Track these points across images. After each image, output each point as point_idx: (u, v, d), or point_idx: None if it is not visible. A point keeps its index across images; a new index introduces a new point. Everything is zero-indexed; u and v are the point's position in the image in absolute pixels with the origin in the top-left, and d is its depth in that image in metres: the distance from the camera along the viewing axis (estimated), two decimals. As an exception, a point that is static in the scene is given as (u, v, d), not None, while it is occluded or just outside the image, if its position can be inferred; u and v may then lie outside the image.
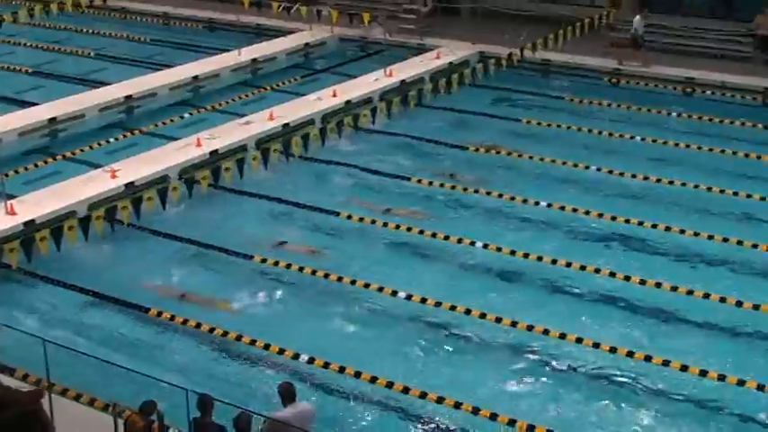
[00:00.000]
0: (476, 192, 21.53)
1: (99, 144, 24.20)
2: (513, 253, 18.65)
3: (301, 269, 18.08)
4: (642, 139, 24.57)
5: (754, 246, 18.80)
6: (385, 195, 21.66)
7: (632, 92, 28.55)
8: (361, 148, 24.41)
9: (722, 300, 16.82)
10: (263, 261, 18.47)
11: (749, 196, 21.08)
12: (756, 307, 16.59)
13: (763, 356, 15.53)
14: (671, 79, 28.88)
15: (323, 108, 25.80)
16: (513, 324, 16.18)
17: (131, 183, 20.95)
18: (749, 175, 22.32)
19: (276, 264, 18.32)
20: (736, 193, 21.20)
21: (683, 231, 19.38)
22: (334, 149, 24.06)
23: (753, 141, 24.41)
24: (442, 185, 21.87)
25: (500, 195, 21.28)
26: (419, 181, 22.13)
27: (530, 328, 16.04)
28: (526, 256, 18.52)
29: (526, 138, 24.98)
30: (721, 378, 14.66)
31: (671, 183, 21.88)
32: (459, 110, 26.91)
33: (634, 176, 22.25)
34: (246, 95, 28.21)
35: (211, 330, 16.16)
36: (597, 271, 17.90)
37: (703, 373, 14.79)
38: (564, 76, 30.13)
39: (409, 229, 19.67)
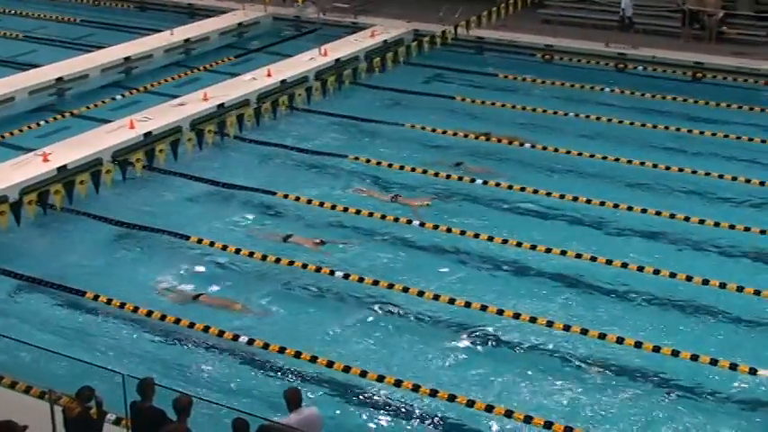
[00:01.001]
0: (404, 168, 21.61)
1: (30, 127, 23.83)
2: (449, 230, 18.75)
3: (238, 251, 18.00)
4: (576, 115, 24.81)
5: (686, 219, 19.12)
6: (321, 174, 21.64)
7: (565, 68, 28.81)
8: (296, 127, 24.31)
9: (656, 272, 17.09)
10: (199, 242, 18.36)
11: (681, 170, 21.40)
12: (689, 278, 16.89)
13: (694, 326, 15.81)
14: (603, 55, 29.16)
15: (258, 88, 25.66)
16: (452, 301, 16.31)
17: (64, 166, 20.66)
18: (680, 149, 22.65)
19: (212, 244, 18.22)
20: (668, 168, 21.51)
21: (616, 206, 19.65)
22: (270, 129, 23.93)
23: (683, 116, 24.77)
24: (379, 164, 21.87)
25: (435, 174, 21.33)
26: (355, 158, 22.12)
27: (467, 304, 16.16)
28: (463, 233, 18.62)
29: (460, 115, 25.07)
30: (656, 349, 14.91)
31: (604, 158, 22.14)
32: (394, 88, 26.91)
33: (568, 152, 22.47)
34: (180, 76, 27.95)
35: (135, 309, 16.06)
36: (534, 247, 18.04)
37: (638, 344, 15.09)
38: (497, 53, 30.28)
39: (346, 210, 19.66)
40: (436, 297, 16.35)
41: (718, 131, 23.53)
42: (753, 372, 14.35)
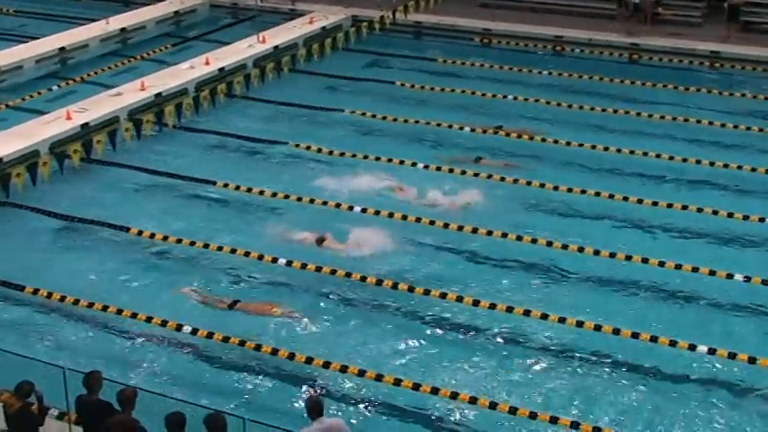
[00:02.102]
0: (345, 155, 21.63)
1: (-36, 120, 23.50)
2: (391, 215, 18.79)
3: (179, 240, 17.89)
4: (514, 98, 24.95)
5: (625, 198, 19.37)
6: (262, 162, 21.57)
7: (503, 51, 28.97)
8: (235, 115, 24.18)
9: (596, 252, 17.32)
10: (140, 233, 18.22)
11: (619, 151, 21.67)
12: (629, 257, 17.17)
13: (632, 305, 16.06)
14: (541, 38, 29.36)
15: (196, 76, 25.47)
16: (395, 286, 16.38)
17: (0, 159, 20.39)
18: (616, 130, 22.92)
19: (152, 236, 18.09)
20: (606, 148, 21.76)
21: (556, 188, 19.85)
22: (209, 118, 23.79)
23: (620, 97, 25.04)
24: (320, 150, 21.83)
25: (377, 158, 21.37)
26: (296, 146, 22.06)
27: (410, 289, 16.28)
28: (405, 217, 18.67)
29: (400, 100, 25.11)
30: (597, 328, 15.12)
31: (543, 140, 22.34)
32: (334, 74, 26.86)
33: (508, 135, 22.62)
34: (116, 66, 27.65)
35: (76, 302, 15.92)
36: (475, 231, 18.16)
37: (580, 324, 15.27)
38: (436, 37, 30.36)
39: (287, 196, 19.62)
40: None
41: (655, 112, 23.80)
42: (692, 348, 14.59)
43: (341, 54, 28.48)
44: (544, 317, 15.42)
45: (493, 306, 15.75)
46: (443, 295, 16.05)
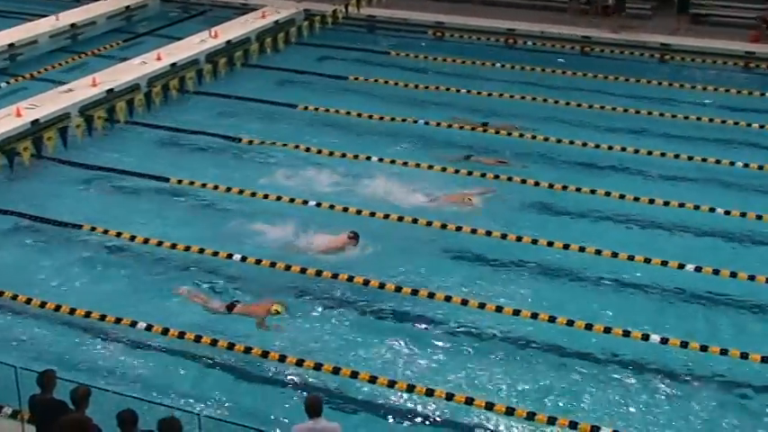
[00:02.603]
0: (299, 148, 21.59)
1: None
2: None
3: (133, 238, 17.79)
4: (468, 92, 25.05)
5: (578, 189, 19.55)
6: (216, 157, 21.47)
7: (456, 45, 29.05)
8: (188, 110, 24.05)
9: (550, 244, 17.45)
10: (93, 229, 18.07)
11: (572, 143, 21.84)
12: (582, 249, 17.32)
13: (584, 295, 16.22)
14: (493, 31, 29.47)
15: (147, 72, 25.27)
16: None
17: (-52, 157, 20.19)
18: (568, 122, 23.10)
19: (105, 232, 17.96)
20: (559, 140, 21.93)
21: (509, 178, 20.00)
22: (162, 113, 23.64)
23: (573, 89, 25.23)
24: (273, 144, 21.79)
25: (331, 153, 21.39)
26: (250, 142, 21.99)
27: (366, 282, 16.32)
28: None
29: (353, 94, 25.12)
30: (534, 316, 15.30)
31: (497, 132, 22.46)
32: (287, 68, 26.78)
33: (461, 128, 22.70)
34: (67, 62, 27.35)
35: (28, 301, 15.78)
36: (429, 224, 18.23)
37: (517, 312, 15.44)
38: (388, 31, 30.37)
39: (241, 192, 19.57)
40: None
41: (606, 104, 23.99)
42: (645, 338, 14.76)
43: (294, 48, 28.41)
44: (498, 309, 15.53)
45: (448, 298, 15.83)
46: (398, 289, 16.08)
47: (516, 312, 15.38)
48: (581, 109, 23.93)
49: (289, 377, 14.07)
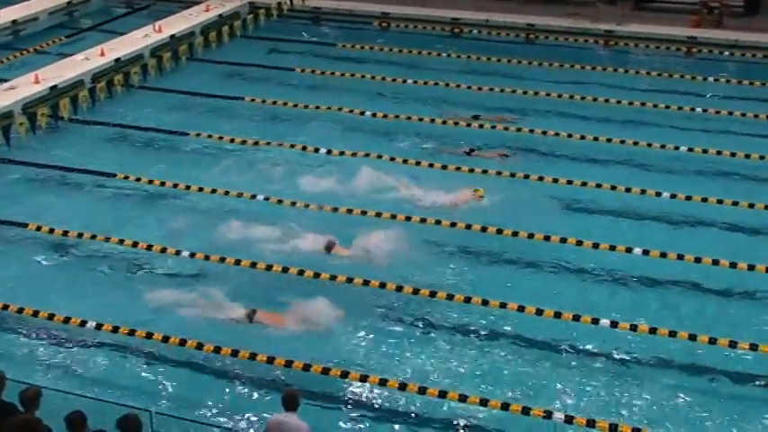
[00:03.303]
0: (246, 143, 21.53)
1: None
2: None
3: (80, 234, 17.62)
4: (414, 82, 25.08)
5: (526, 176, 19.68)
6: (163, 152, 21.32)
7: (401, 35, 29.06)
8: (134, 106, 23.84)
9: (499, 231, 17.55)
10: (38, 229, 17.86)
11: (519, 130, 22.00)
12: (531, 236, 17.42)
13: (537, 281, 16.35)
14: (439, 21, 29.54)
15: (91, 68, 24.97)
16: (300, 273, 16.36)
17: None
18: (514, 109, 23.23)
19: (51, 231, 17.77)
20: (506, 128, 22.06)
21: (458, 168, 20.09)
22: (107, 110, 23.42)
23: (518, 77, 25.36)
24: (221, 138, 21.67)
25: (280, 144, 21.31)
26: (197, 134, 21.86)
27: (316, 275, 16.26)
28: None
29: (301, 86, 25.06)
30: (503, 305, 15.33)
31: (444, 122, 22.54)
32: (232, 62, 26.64)
33: (409, 118, 22.74)
34: (8, 59, 26.98)
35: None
36: (378, 214, 18.23)
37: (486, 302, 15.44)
38: (334, 22, 30.33)
39: (188, 187, 19.45)
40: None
41: (552, 91, 24.16)
42: (595, 321, 14.87)
43: (239, 42, 28.31)
44: (449, 297, 15.60)
45: (399, 288, 15.87)
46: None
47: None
48: (527, 96, 24.07)
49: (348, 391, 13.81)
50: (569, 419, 12.74)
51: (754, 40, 27.20)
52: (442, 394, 13.32)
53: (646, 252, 16.77)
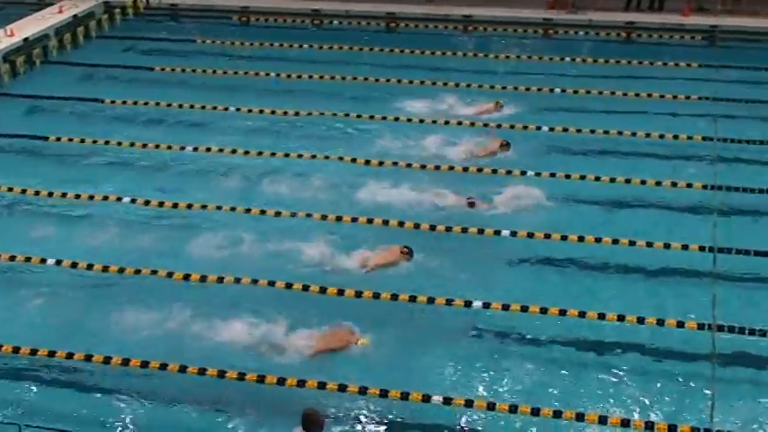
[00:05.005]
0: (109, 143, 21.13)
1: None
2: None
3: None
4: (277, 75, 24.98)
5: (394, 163, 19.82)
6: (23, 159, 20.74)
7: (262, 29, 28.93)
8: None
9: (370, 221, 17.65)
10: None
11: (384, 118, 22.14)
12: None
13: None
14: (299, 13, 29.48)
15: (-61, 76, 24.21)
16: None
17: None
18: (374, 98, 23.39)
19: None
20: (359, 116, 22.22)
21: (316, 156, 20.12)
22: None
23: (377, 64, 25.54)
24: (82, 141, 21.17)
25: (144, 146, 20.95)
26: (57, 139, 21.31)
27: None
28: (175, 205, 18.44)
29: (161, 84, 24.73)
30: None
31: (309, 114, 22.50)
32: (90, 63, 26.08)
33: (273, 112, 22.66)
34: None
35: None
36: (246, 209, 18.19)
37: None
38: (193, 18, 29.97)
39: (50, 194, 18.95)
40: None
41: (415, 78, 24.37)
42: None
43: (95, 42, 27.79)
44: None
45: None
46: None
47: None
48: (389, 84, 24.20)
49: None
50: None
51: (608, 19, 27.93)
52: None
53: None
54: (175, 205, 18.38)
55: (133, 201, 18.58)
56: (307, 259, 16.35)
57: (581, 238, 16.90)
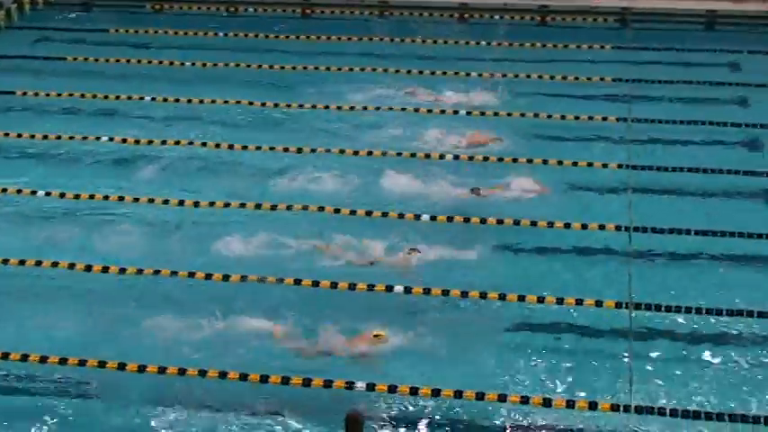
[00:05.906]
0: (22, 137, 20.80)
1: None
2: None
3: None
4: (192, 64, 24.75)
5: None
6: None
7: (177, 17, 28.52)
8: None
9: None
10: None
11: (300, 106, 22.14)
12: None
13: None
14: (213, 0, 29.12)
15: None
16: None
17: None
18: (290, 86, 23.42)
19: None
20: (276, 105, 22.20)
21: (239, 146, 20.05)
22: None
23: (292, 52, 25.39)
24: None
25: (58, 138, 20.67)
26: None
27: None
28: (91, 197, 18.30)
29: (74, 75, 24.32)
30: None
31: (213, 101, 22.48)
32: (-1, 55, 25.65)
33: (177, 100, 22.54)
34: None
35: None
36: (171, 199, 18.07)
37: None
38: (106, 8, 29.40)
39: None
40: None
41: (332, 65, 24.35)
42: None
43: (4, 33, 27.20)
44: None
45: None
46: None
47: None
48: (306, 72, 24.16)
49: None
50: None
51: (524, 3, 28.14)
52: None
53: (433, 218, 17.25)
54: (92, 197, 18.18)
55: (48, 194, 18.32)
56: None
57: (500, 222, 17.12)
